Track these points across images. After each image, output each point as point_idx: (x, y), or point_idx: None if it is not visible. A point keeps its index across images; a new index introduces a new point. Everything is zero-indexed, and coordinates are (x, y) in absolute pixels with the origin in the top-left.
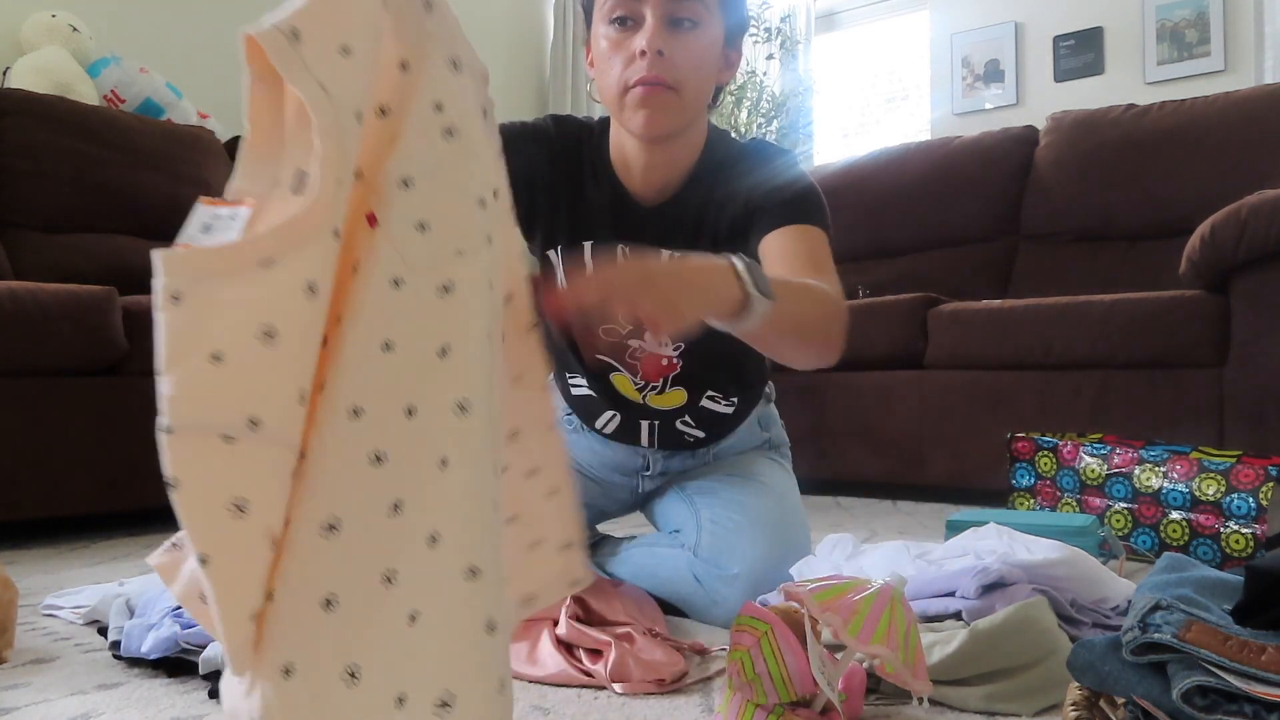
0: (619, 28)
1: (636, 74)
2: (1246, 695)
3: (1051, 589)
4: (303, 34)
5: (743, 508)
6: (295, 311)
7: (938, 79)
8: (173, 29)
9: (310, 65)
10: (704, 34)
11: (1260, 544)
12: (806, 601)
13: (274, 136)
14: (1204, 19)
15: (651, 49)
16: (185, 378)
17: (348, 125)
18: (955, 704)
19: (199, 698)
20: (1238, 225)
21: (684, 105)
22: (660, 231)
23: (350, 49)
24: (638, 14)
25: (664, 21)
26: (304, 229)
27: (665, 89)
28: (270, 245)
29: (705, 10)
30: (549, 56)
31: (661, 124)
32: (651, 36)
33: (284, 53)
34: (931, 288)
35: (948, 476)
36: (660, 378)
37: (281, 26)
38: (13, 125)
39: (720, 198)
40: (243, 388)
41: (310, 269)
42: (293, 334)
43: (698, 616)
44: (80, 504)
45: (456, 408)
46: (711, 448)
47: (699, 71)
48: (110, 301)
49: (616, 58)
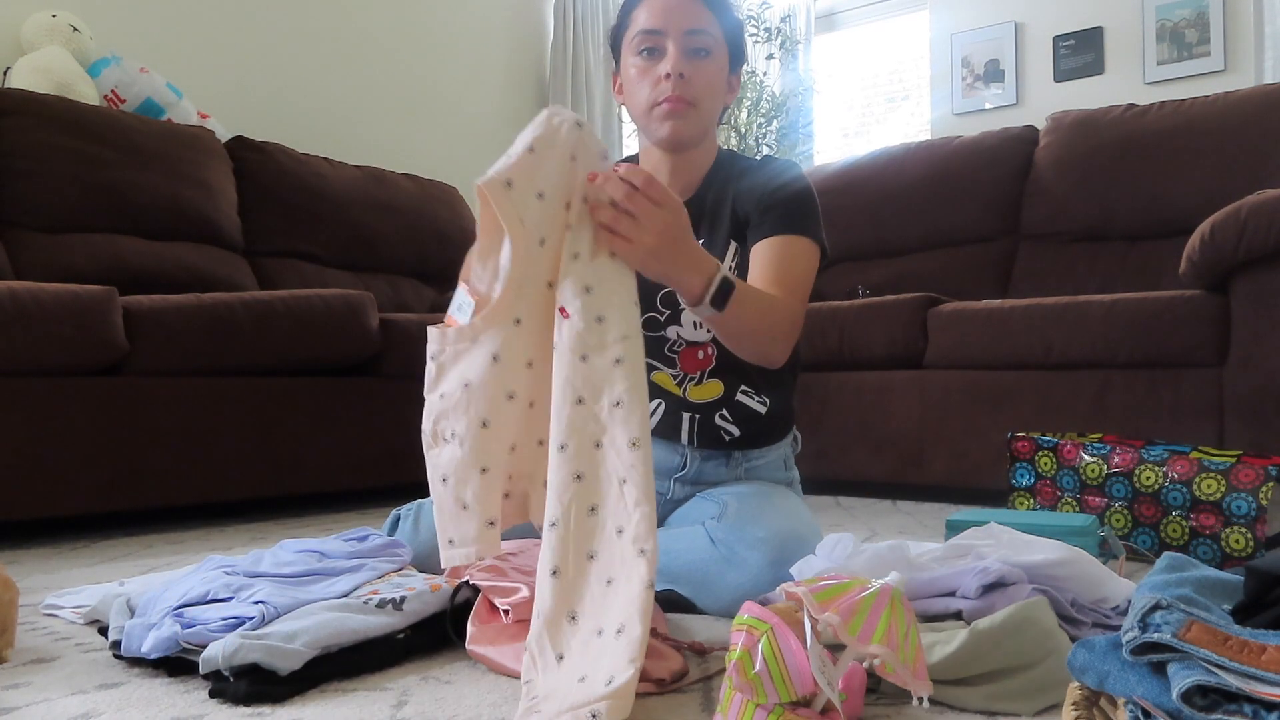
0: (646, 57)
1: (663, 93)
2: (1246, 695)
3: (1051, 589)
4: (514, 183)
5: (766, 498)
6: (484, 371)
7: (938, 79)
8: (173, 29)
9: (515, 204)
10: (715, 61)
11: (1260, 544)
12: (806, 601)
13: (492, 242)
14: (1204, 19)
15: (675, 73)
16: (431, 403)
17: (533, 249)
18: (955, 704)
19: (199, 698)
20: (1238, 225)
21: (700, 118)
22: None
23: (544, 195)
24: (661, 46)
25: (684, 51)
26: (492, 320)
27: (686, 104)
28: (476, 329)
29: (715, 43)
30: (549, 56)
31: (683, 132)
32: (675, 63)
33: (499, 195)
34: (931, 288)
35: (948, 476)
36: (698, 371)
37: (499, 176)
38: (13, 125)
39: (731, 197)
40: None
41: (495, 345)
42: (480, 385)
43: (709, 592)
44: (80, 504)
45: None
46: (744, 457)
47: (712, 91)
48: (110, 301)
49: (645, 81)
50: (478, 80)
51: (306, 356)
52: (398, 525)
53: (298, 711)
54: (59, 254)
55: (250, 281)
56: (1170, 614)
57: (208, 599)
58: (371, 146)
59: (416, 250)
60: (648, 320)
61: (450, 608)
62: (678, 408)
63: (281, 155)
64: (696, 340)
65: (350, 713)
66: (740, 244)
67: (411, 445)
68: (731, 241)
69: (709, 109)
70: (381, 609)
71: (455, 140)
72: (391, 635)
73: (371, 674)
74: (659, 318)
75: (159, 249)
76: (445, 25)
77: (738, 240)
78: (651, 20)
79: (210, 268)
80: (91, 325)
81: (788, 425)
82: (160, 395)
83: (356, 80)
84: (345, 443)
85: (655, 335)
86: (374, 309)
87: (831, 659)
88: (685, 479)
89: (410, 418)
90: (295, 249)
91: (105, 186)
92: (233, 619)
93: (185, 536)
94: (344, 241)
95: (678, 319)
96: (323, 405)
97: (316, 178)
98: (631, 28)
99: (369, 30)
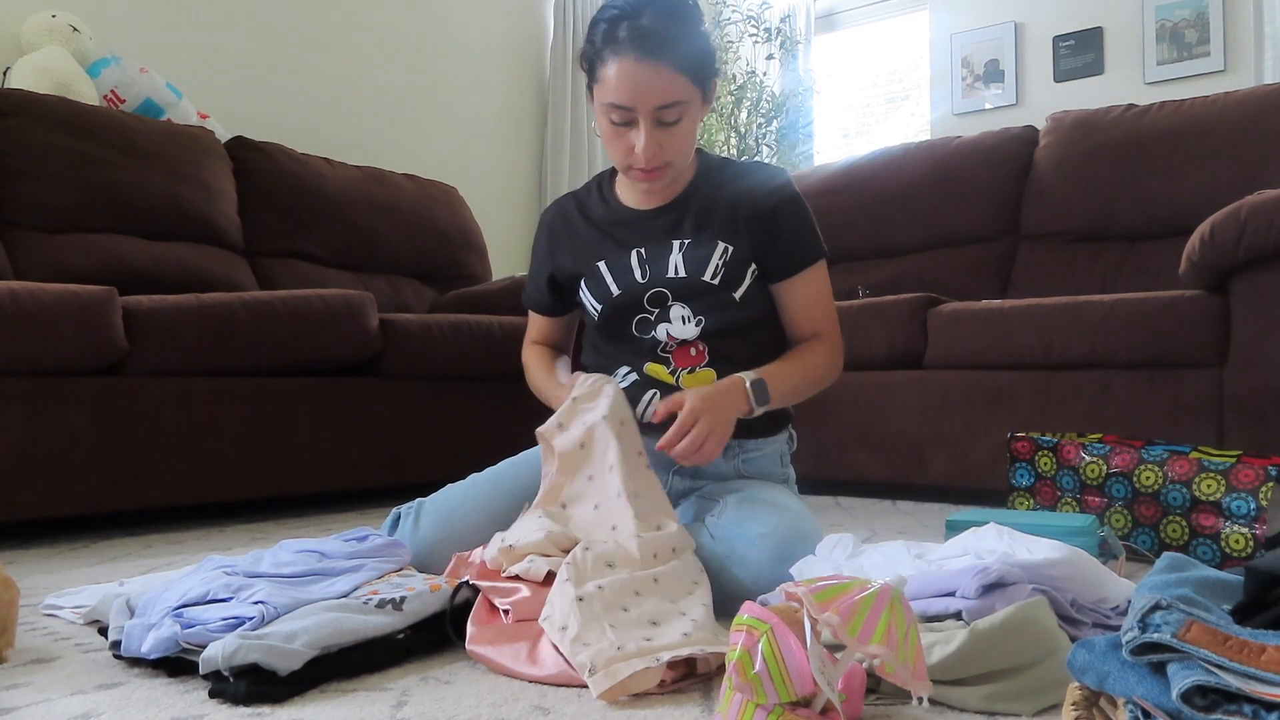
0: (617, 123)
1: (637, 163)
2: (1246, 695)
3: (1051, 589)
4: (565, 424)
5: (765, 496)
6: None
7: (938, 79)
8: (173, 29)
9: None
10: (687, 120)
11: (1260, 544)
12: (806, 601)
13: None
14: (1204, 19)
15: (648, 151)
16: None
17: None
18: (955, 704)
19: (199, 698)
20: (1238, 225)
21: (675, 171)
22: (665, 224)
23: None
24: (633, 120)
25: (655, 124)
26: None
27: (660, 172)
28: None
29: (686, 102)
30: (549, 56)
31: (660, 191)
32: (646, 143)
33: (552, 433)
34: (931, 288)
35: (948, 476)
36: (691, 365)
37: (555, 421)
38: (13, 125)
39: (726, 200)
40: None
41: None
42: None
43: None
44: (80, 504)
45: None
46: (740, 448)
47: (685, 148)
48: (110, 301)
49: (618, 144)
50: (478, 80)
51: (306, 356)
52: (398, 524)
53: (298, 711)
54: (59, 254)
55: (250, 282)
56: (1170, 614)
57: (207, 599)
58: (371, 146)
59: (416, 250)
60: (638, 322)
61: (450, 608)
62: None
63: (281, 155)
64: (686, 338)
65: (350, 713)
66: (730, 244)
67: (411, 445)
68: (720, 242)
69: (683, 161)
70: (381, 609)
71: (455, 140)
72: (391, 635)
73: (371, 674)
74: (649, 318)
75: (159, 249)
76: (445, 25)
77: (726, 240)
78: (621, 96)
79: (210, 268)
80: (91, 325)
81: (784, 419)
82: (160, 395)
83: (356, 80)
84: (345, 443)
85: (647, 337)
86: (374, 309)
87: (831, 659)
88: (683, 471)
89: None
90: (295, 249)
91: (105, 186)
92: (232, 619)
93: (185, 536)
94: (344, 241)
95: (667, 316)
96: (323, 405)
97: (316, 178)
98: (602, 87)
99: (369, 30)
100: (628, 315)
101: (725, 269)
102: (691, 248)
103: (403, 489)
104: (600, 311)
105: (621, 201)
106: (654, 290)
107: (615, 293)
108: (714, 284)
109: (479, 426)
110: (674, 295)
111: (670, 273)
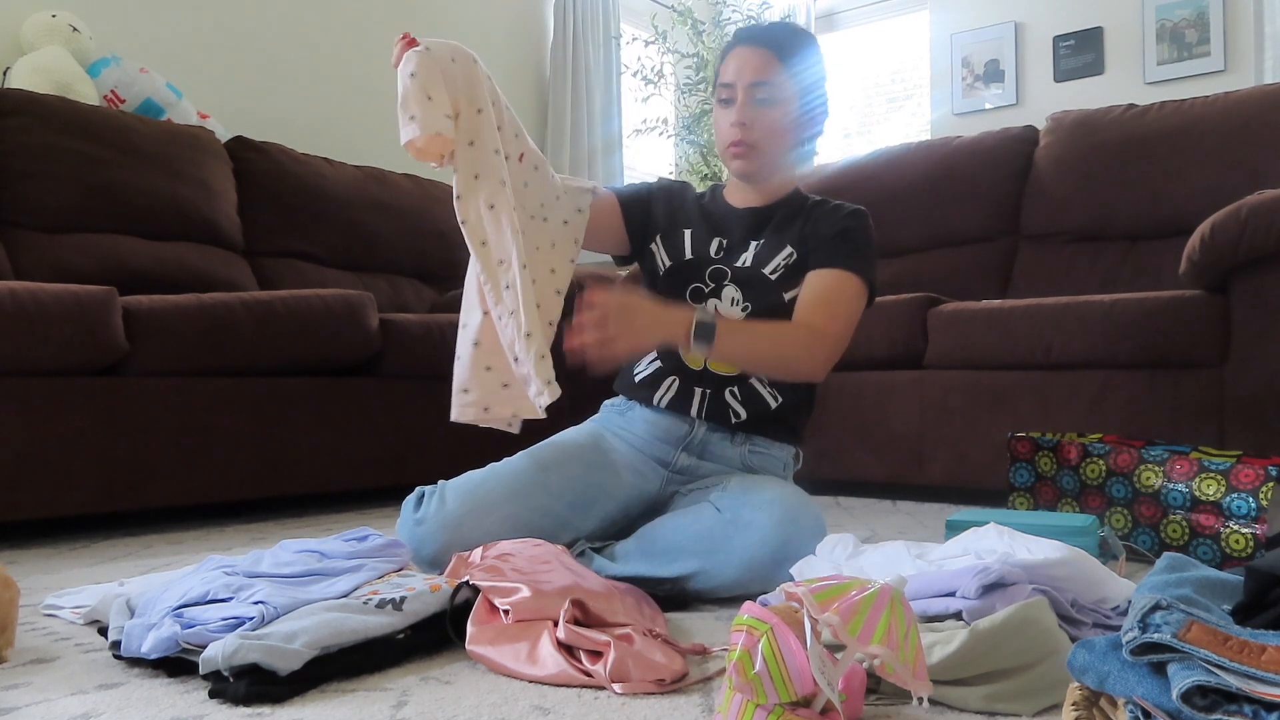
0: (722, 105)
1: (730, 138)
2: (1246, 695)
3: (1052, 589)
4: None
5: (769, 481)
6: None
7: (938, 79)
8: (173, 29)
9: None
10: (779, 108)
11: (1260, 544)
12: (806, 601)
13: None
14: (1204, 19)
15: (739, 121)
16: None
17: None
18: (955, 704)
19: (199, 698)
20: (1238, 225)
21: (761, 156)
22: (751, 224)
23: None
24: (734, 97)
25: (748, 101)
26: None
27: (748, 147)
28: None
29: (781, 93)
30: (549, 56)
31: (747, 170)
32: (740, 113)
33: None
34: (931, 288)
35: (948, 476)
36: None
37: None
38: (13, 125)
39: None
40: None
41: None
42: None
43: (718, 559)
44: (80, 504)
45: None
46: (747, 439)
47: (773, 134)
48: (110, 301)
49: (720, 123)
50: None
51: (306, 356)
52: (421, 503)
53: (297, 712)
54: (59, 254)
55: (250, 282)
56: (1170, 614)
57: (207, 599)
58: (371, 146)
59: (416, 250)
60: (693, 291)
61: (450, 608)
62: (692, 383)
63: (281, 155)
64: (730, 318)
65: (350, 713)
66: (797, 251)
67: (411, 445)
68: (789, 246)
69: (770, 148)
70: (381, 609)
71: None
72: (391, 635)
73: (371, 674)
74: (704, 289)
75: (159, 249)
76: (445, 25)
77: (794, 247)
78: (726, 74)
79: (210, 268)
80: (91, 325)
81: (794, 432)
82: (160, 395)
83: (356, 80)
84: (345, 443)
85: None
86: (374, 309)
87: (832, 659)
88: (691, 448)
89: (410, 417)
90: (295, 249)
91: (105, 186)
92: (232, 619)
93: (185, 536)
94: (344, 241)
95: (719, 294)
96: (323, 405)
97: (316, 178)
98: (719, 78)
99: (369, 30)
100: (688, 280)
101: (785, 270)
102: (764, 247)
103: (403, 489)
104: (667, 269)
105: (724, 199)
106: (717, 267)
107: (688, 256)
108: (771, 279)
109: (479, 426)
110: (732, 277)
111: (739, 262)
